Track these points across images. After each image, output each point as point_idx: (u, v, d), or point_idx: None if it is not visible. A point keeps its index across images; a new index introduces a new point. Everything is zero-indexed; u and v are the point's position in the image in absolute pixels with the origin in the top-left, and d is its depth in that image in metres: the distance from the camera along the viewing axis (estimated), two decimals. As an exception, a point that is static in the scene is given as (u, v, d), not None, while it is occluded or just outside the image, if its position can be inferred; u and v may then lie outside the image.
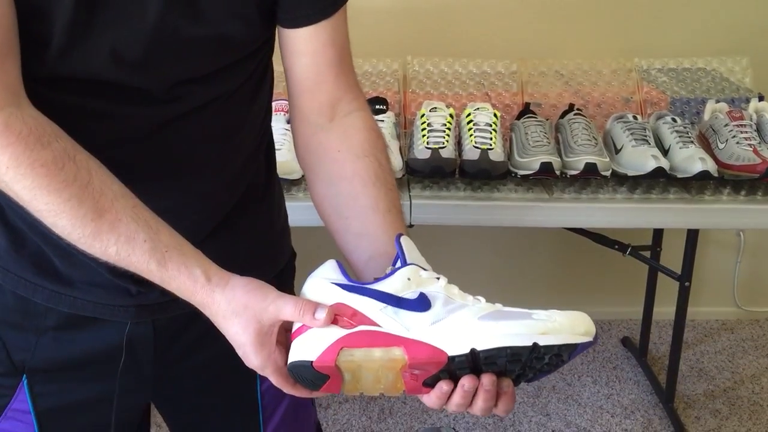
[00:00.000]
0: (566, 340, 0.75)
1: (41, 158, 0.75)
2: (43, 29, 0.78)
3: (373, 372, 0.76)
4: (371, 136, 0.94)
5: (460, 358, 0.75)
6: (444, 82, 2.10)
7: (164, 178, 0.90)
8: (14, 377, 0.96)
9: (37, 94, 0.81)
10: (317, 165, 0.94)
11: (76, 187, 0.76)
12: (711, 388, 2.42)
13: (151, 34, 0.81)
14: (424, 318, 0.76)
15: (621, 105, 2.07)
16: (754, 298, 2.77)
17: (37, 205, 0.76)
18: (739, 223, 2.11)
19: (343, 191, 0.91)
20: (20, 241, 0.91)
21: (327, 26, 0.91)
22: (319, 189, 0.94)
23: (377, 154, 0.93)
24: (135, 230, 0.77)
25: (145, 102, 0.85)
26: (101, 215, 0.77)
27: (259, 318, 0.78)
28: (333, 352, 0.75)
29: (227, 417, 1.09)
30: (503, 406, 0.78)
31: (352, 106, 0.94)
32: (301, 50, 0.92)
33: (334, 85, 0.93)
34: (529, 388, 2.40)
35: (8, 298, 0.94)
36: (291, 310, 0.77)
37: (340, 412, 2.29)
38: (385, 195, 0.90)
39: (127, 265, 0.79)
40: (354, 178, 0.91)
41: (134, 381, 1.00)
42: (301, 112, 0.95)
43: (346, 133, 0.93)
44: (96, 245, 0.77)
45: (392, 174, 0.94)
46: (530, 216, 1.77)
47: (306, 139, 0.95)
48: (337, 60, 0.93)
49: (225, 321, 0.79)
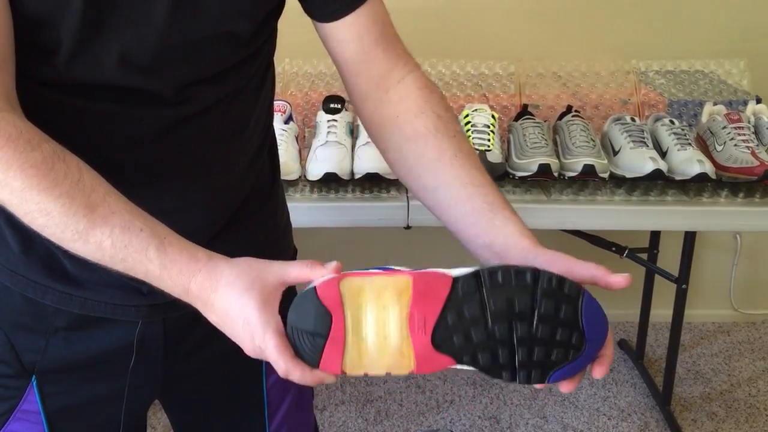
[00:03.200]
0: (568, 278, 0.75)
1: (31, 159, 0.74)
2: (52, 36, 0.78)
3: (378, 311, 0.73)
4: (424, 93, 0.94)
5: (465, 280, 0.73)
6: (442, 83, 2.10)
7: (173, 179, 0.90)
8: (24, 378, 0.96)
9: (46, 98, 0.82)
10: (384, 136, 0.95)
11: (67, 185, 0.75)
12: (708, 391, 2.42)
13: (159, 37, 0.81)
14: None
15: (619, 107, 2.07)
16: (751, 301, 2.77)
17: (27, 207, 0.75)
18: (736, 226, 2.11)
19: (409, 153, 0.92)
20: (29, 244, 0.91)
21: (364, 10, 0.92)
22: (391, 158, 0.96)
23: (434, 107, 0.93)
24: (130, 220, 0.76)
25: (155, 104, 0.85)
26: (93, 209, 0.75)
27: (264, 277, 0.76)
28: (337, 279, 0.73)
29: (233, 413, 1.09)
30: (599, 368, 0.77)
31: (405, 71, 0.95)
32: (345, 38, 0.93)
33: (384, 59, 0.94)
34: (526, 390, 2.39)
35: (17, 300, 0.94)
36: (297, 270, 0.76)
37: (336, 414, 2.29)
38: (448, 143, 0.91)
39: (124, 257, 0.76)
40: (416, 137, 0.92)
41: (144, 379, 1.00)
42: (359, 92, 0.96)
43: (401, 98, 0.94)
44: (91, 240, 0.76)
45: (455, 121, 0.94)
46: (528, 217, 1.73)
47: (370, 116, 0.97)
48: (382, 36, 0.94)
49: (228, 288, 0.76)
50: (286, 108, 1.84)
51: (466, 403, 2.34)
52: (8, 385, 0.97)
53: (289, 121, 1.84)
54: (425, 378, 2.45)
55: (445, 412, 2.31)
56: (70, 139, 0.79)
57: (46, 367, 0.96)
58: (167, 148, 0.89)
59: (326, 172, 1.70)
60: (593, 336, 0.75)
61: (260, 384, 1.08)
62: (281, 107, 1.83)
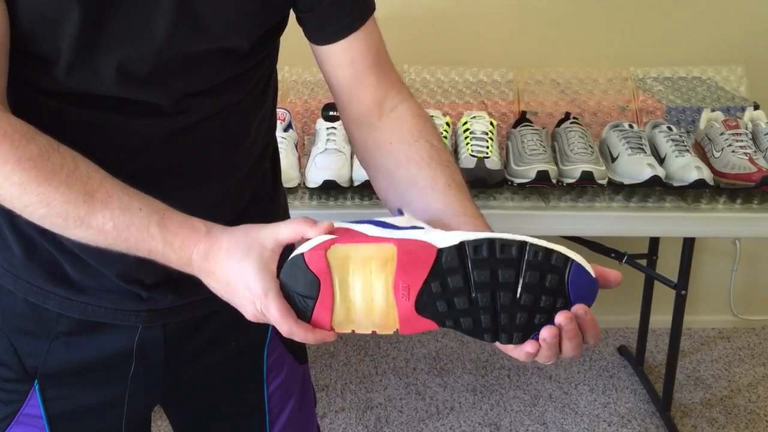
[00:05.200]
0: (558, 249, 0.74)
1: (27, 153, 0.76)
2: (51, 47, 0.79)
3: (364, 276, 0.75)
4: (418, 122, 0.95)
5: (449, 252, 0.74)
6: (440, 90, 2.10)
7: (172, 188, 0.90)
8: (26, 383, 0.97)
9: (46, 106, 0.83)
10: (375, 162, 0.97)
11: (64, 174, 0.76)
12: (708, 397, 2.42)
13: (158, 51, 0.82)
14: (417, 232, 0.77)
15: (617, 113, 2.07)
16: (751, 307, 2.77)
17: (27, 199, 0.76)
18: (735, 232, 2.11)
19: (402, 179, 0.93)
20: (31, 249, 0.91)
21: (360, 35, 0.93)
22: (381, 184, 0.97)
23: (427, 137, 0.94)
24: (128, 201, 0.78)
25: (153, 115, 0.86)
26: (92, 195, 0.77)
27: (261, 241, 0.78)
28: (324, 247, 0.75)
29: (234, 419, 1.10)
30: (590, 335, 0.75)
31: (397, 100, 0.96)
32: (339, 63, 0.94)
33: (377, 87, 0.95)
34: (526, 397, 2.39)
35: (20, 304, 0.95)
36: (289, 230, 0.78)
37: (336, 422, 2.29)
38: (441, 172, 0.91)
39: (126, 237, 0.78)
40: (409, 164, 0.92)
41: (145, 384, 1.00)
42: (352, 117, 0.98)
43: (394, 125, 0.95)
44: (93, 224, 0.77)
45: (447, 152, 0.95)
46: (527, 224, 1.77)
47: (362, 141, 0.98)
48: (375, 63, 0.95)
49: (228, 255, 0.78)
50: (285, 116, 1.85)
51: (467, 409, 2.34)
52: (11, 389, 0.97)
53: (289, 129, 1.85)
54: (425, 384, 2.45)
55: (445, 418, 2.31)
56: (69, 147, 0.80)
57: (48, 371, 0.96)
58: (166, 158, 0.89)
59: (325, 179, 1.71)
60: (579, 300, 0.75)
61: (261, 390, 1.08)
62: (281, 115, 1.83)
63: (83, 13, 0.78)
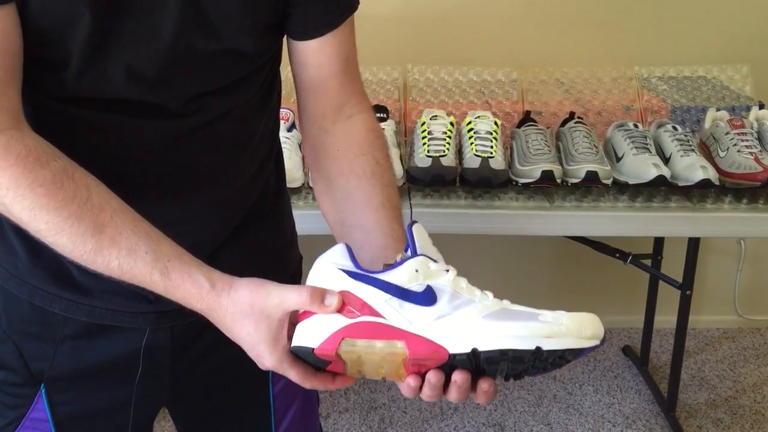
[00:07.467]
0: (571, 345, 0.74)
1: (40, 178, 0.76)
2: (61, 53, 0.79)
3: (375, 363, 0.76)
4: (370, 136, 0.96)
5: (461, 357, 0.74)
6: (444, 90, 2.10)
7: (180, 189, 0.91)
8: (32, 387, 0.97)
9: (54, 109, 0.83)
10: (319, 163, 0.98)
11: (76, 205, 0.76)
12: (712, 398, 2.41)
13: (166, 52, 0.82)
14: (429, 312, 0.75)
15: (621, 113, 2.07)
16: (756, 307, 2.76)
17: (37, 225, 0.77)
18: (740, 232, 2.10)
19: (339, 187, 0.94)
20: (37, 252, 0.91)
21: (334, 39, 0.93)
22: (319, 186, 0.98)
23: (374, 153, 0.95)
24: (136, 243, 0.78)
25: (162, 116, 0.86)
26: (101, 231, 0.77)
27: (268, 314, 0.78)
28: (334, 342, 0.75)
29: (240, 420, 1.10)
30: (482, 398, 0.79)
31: (355, 110, 0.97)
32: (308, 62, 0.95)
33: (339, 93, 0.96)
34: (531, 397, 2.39)
35: (26, 308, 0.95)
36: (296, 298, 0.77)
37: (340, 422, 2.28)
38: (380, 191, 0.92)
39: (131, 278, 0.79)
40: (350, 175, 0.93)
41: (151, 386, 1.00)
42: (307, 114, 0.98)
43: (346, 134, 0.96)
44: (99, 260, 0.78)
45: (390, 172, 0.96)
46: (531, 224, 1.77)
47: (311, 139, 0.99)
48: (342, 70, 0.95)
49: (235, 324, 0.79)
50: (289, 116, 1.85)
51: (471, 410, 2.34)
52: (17, 393, 0.97)
53: (292, 129, 1.85)
54: (429, 385, 2.44)
55: (449, 419, 2.30)
56: (77, 150, 0.80)
57: (54, 375, 0.96)
58: (174, 159, 0.89)
59: (329, 179, 1.71)
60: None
61: (267, 391, 1.08)
62: (284, 115, 1.83)
63: (94, 18, 0.78)
